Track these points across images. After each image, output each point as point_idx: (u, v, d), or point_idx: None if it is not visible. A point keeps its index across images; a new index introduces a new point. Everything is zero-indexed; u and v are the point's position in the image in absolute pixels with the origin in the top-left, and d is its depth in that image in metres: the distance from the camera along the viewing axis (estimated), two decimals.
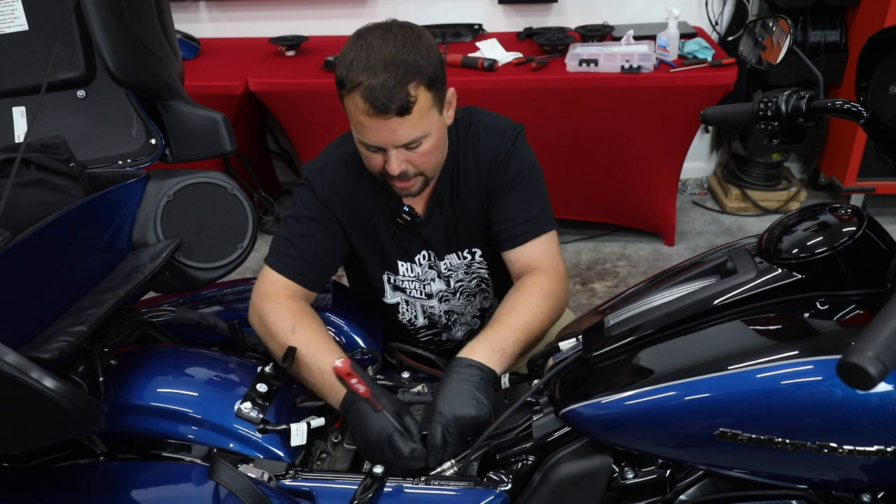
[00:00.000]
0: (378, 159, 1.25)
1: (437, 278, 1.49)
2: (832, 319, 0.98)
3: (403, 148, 1.22)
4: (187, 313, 1.33)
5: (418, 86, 1.17)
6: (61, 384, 0.84)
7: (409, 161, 1.24)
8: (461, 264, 1.47)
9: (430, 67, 1.19)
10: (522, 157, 1.37)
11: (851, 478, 0.95)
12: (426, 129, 1.22)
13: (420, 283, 1.49)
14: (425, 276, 1.48)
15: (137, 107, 1.39)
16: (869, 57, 1.10)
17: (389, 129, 1.18)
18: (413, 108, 1.17)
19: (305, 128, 3.12)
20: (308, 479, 1.13)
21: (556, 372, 1.14)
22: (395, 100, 1.15)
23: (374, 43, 1.17)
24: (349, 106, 1.20)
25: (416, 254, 1.45)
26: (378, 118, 1.17)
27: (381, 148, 1.22)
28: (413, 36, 1.20)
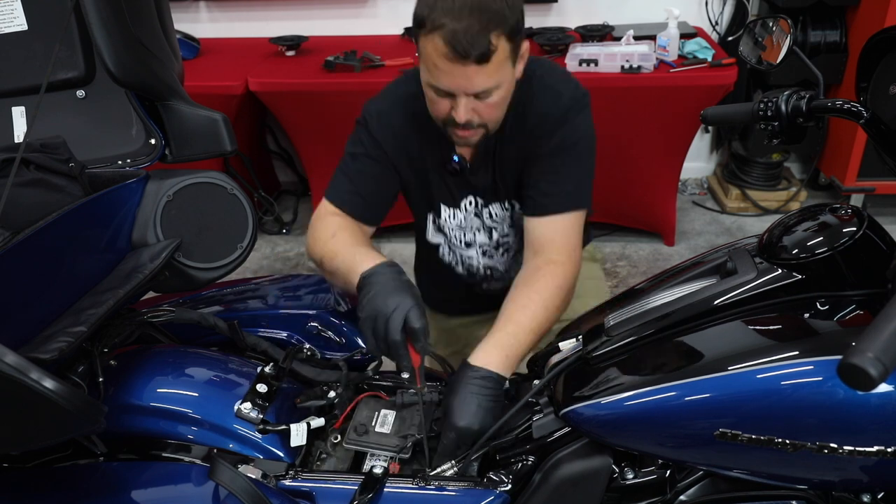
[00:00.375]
0: (445, 105, 1.23)
1: (482, 229, 1.47)
2: (832, 320, 0.98)
3: (473, 96, 1.20)
4: (187, 313, 1.33)
5: (500, 35, 1.14)
6: (61, 384, 0.84)
7: (476, 110, 1.22)
8: (505, 216, 1.46)
9: (514, 18, 1.16)
10: (573, 127, 1.32)
11: (851, 478, 0.95)
12: (499, 80, 1.19)
13: (461, 231, 1.48)
14: (468, 223, 1.47)
15: (137, 107, 1.39)
16: (869, 57, 1.10)
17: (465, 75, 1.15)
18: (492, 57, 1.14)
19: (305, 128, 3.12)
20: (308, 479, 1.13)
21: (557, 372, 1.14)
22: (476, 46, 1.12)
23: None
24: (426, 48, 1.17)
25: (462, 199, 1.44)
26: (456, 63, 1.14)
27: (450, 94, 1.20)
28: None
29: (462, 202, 1.45)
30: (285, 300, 1.51)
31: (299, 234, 3.54)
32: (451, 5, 1.12)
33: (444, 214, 1.48)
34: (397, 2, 3.46)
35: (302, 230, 3.57)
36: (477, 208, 1.45)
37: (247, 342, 1.37)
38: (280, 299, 1.52)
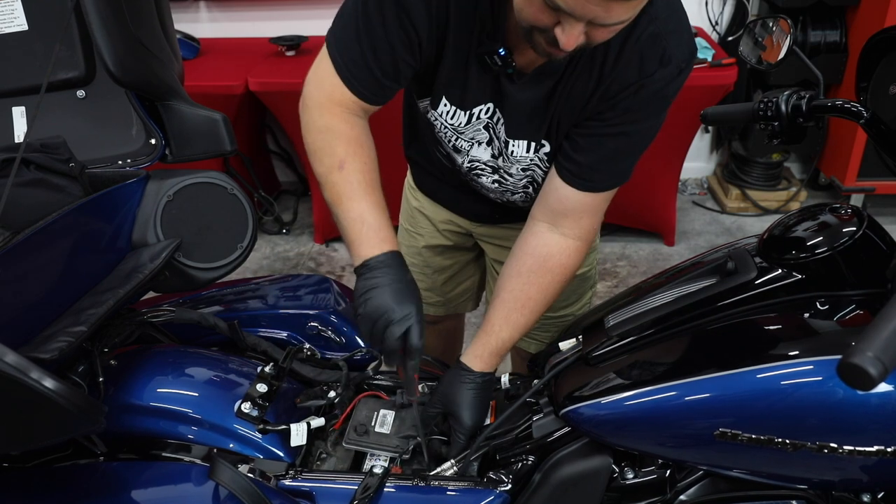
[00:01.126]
0: (548, 17, 0.93)
1: (486, 144, 1.26)
2: (832, 320, 0.98)
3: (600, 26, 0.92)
4: (187, 313, 1.33)
5: None
6: (61, 384, 0.84)
7: (588, 37, 0.95)
8: (525, 158, 1.25)
9: None
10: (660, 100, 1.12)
11: (851, 478, 0.95)
12: (633, 13, 0.93)
13: (455, 134, 1.26)
14: (470, 132, 1.24)
15: (137, 107, 1.39)
16: (869, 57, 1.10)
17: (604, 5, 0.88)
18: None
19: None
20: (308, 479, 1.13)
21: (557, 372, 1.14)
22: None
23: None
24: None
25: (475, 105, 1.19)
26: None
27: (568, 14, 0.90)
28: None
29: (475, 108, 1.19)
30: (285, 300, 1.51)
31: (299, 234, 3.54)
32: None
33: (441, 108, 1.22)
34: None
35: (302, 230, 3.57)
36: (492, 120, 1.21)
37: (247, 342, 1.37)
38: (280, 299, 1.52)
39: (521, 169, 1.28)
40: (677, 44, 1.07)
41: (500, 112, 1.19)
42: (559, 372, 1.14)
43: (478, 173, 1.32)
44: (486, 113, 1.20)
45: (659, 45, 1.06)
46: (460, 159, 1.31)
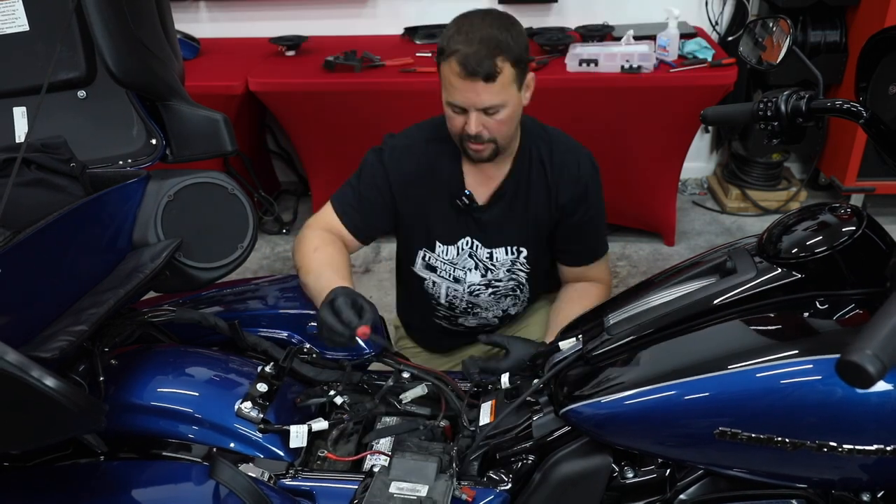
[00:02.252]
0: (460, 120, 1.41)
1: (474, 269, 1.59)
2: (832, 319, 0.98)
3: (483, 112, 1.38)
4: (188, 313, 1.34)
5: (505, 60, 1.34)
6: (62, 383, 0.84)
7: (486, 125, 1.40)
8: (507, 260, 1.58)
9: (518, 48, 1.36)
10: (597, 195, 1.55)
11: (851, 477, 0.95)
12: (505, 99, 1.37)
13: (452, 267, 1.59)
14: (461, 262, 1.58)
15: (138, 107, 1.39)
16: (869, 57, 1.10)
17: (475, 91, 1.35)
18: (497, 77, 1.34)
19: (305, 128, 3.11)
20: (308, 478, 1.13)
21: (556, 371, 1.15)
22: (483, 67, 1.32)
23: (475, 21, 1.36)
24: (444, 70, 1.38)
25: (459, 238, 1.56)
26: (467, 80, 1.34)
27: (464, 109, 1.39)
28: (507, 22, 1.39)
29: (460, 241, 1.57)
30: (285, 300, 1.51)
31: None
32: (465, 36, 1.34)
33: (438, 250, 1.58)
34: (397, 2, 3.46)
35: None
36: (472, 249, 1.57)
37: (247, 342, 1.37)
38: (280, 299, 1.52)
39: (506, 271, 1.59)
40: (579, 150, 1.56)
41: (476, 240, 1.56)
42: (559, 371, 1.15)
43: (476, 294, 1.62)
44: (468, 244, 1.56)
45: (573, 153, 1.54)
46: (461, 289, 1.61)
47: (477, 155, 1.44)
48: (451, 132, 1.46)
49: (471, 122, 1.38)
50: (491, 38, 1.33)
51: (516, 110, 1.43)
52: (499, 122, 1.39)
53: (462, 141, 1.44)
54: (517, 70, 1.37)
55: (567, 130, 2.98)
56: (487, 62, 1.32)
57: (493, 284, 1.60)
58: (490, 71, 1.32)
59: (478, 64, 1.31)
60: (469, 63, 1.32)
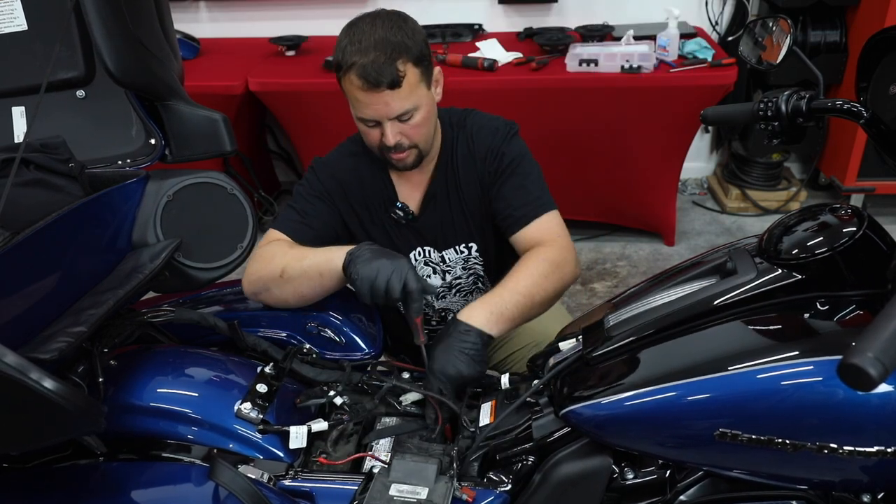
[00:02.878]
0: (375, 134, 1.36)
1: (433, 275, 1.56)
2: (832, 320, 0.97)
3: (397, 120, 1.33)
4: (187, 313, 1.33)
5: (406, 62, 1.29)
6: (61, 385, 0.84)
7: (403, 133, 1.35)
8: (459, 259, 1.55)
9: (416, 46, 1.31)
10: (514, 147, 1.45)
11: (851, 478, 0.95)
12: (416, 101, 1.33)
13: None
14: (419, 272, 1.53)
15: (137, 107, 1.39)
16: (869, 57, 1.09)
17: (383, 101, 1.30)
18: (402, 81, 1.29)
19: (305, 128, 3.12)
20: (308, 479, 1.13)
21: (556, 372, 1.14)
22: (385, 74, 1.27)
23: (365, 28, 1.30)
24: (346, 86, 1.32)
25: (411, 250, 1.54)
26: (372, 92, 1.29)
27: (377, 122, 1.34)
28: (399, 20, 1.32)
29: (412, 253, 1.54)
30: None
31: None
32: (358, 46, 1.28)
33: None
34: (397, 2, 3.45)
35: None
36: (427, 256, 1.55)
37: (247, 342, 1.37)
38: None
39: (462, 268, 1.56)
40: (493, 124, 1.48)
41: (423, 247, 1.53)
42: (559, 372, 1.14)
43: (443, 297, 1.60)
44: (420, 255, 1.54)
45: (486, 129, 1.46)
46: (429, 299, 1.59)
47: (402, 164, 1.41)
48: (370, 146, 1.42)
49: (387, 134, 1.34)
50: (386, 42, 1.27)
51: (430, 110, 1.38)
52: (415, 126, 1.35)
53: (382, 153, 1.40)
54: (421, 68, 1.32)
55: (567, 130, 3.00)
56: (388, 68, 1.27)
57: (454, 284, 1.58)
58: (393, 77, 1.27)
59: (378, 73, 1.26)
60: (369, 74, 1.26)
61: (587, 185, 3.07)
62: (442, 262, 1.54)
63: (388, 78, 1.27)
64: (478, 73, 2.82)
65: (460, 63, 2.87)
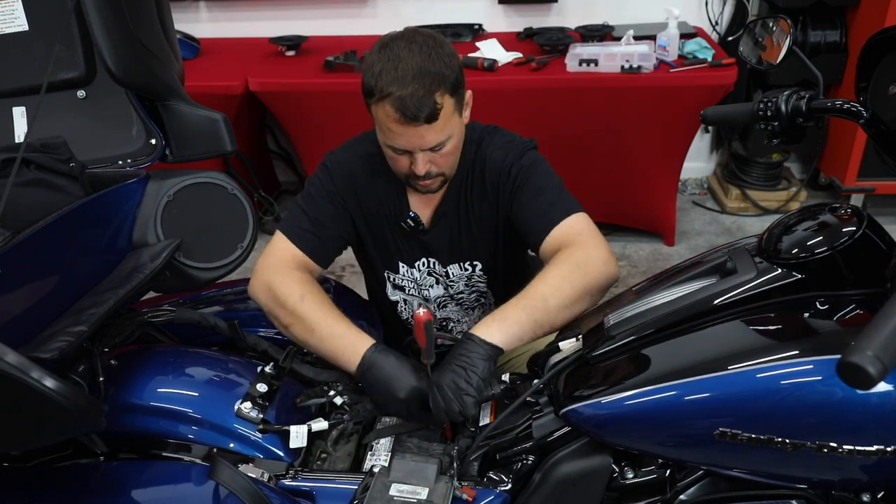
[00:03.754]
0: (404, 161, 1.32)
1: (436, 284, 1.54)
2: (832, 319, 0.98)
3: (429, 151, 1.29)
4: (187, 313, 1.33)
5: (444, 94, 1.23)
6: (62, 384, 0.84)
7: (433, 161, 1.32)
8: (463, 275, 1.52)
9: (453, 74, 1.25)
10: (525, 160, 1.39)
11: (851, 477, 0.95)
12: (450, 132, 1.29)
13: (417, 287, 1.55)
14: (423, 281, 1.53)
15: (137, 107, 1.39)
16: (869, 57, 1.10)
17: (418, 135, 1.25)
18: (440, 114, 1.24)
19: (305, 128, 3.12)
20: (308, 478, 1.13)
21: (557, 371, 1.15)
22: (424, 109, 1.21)
23: (401, 53, 1.22)
24: (378, 114, 1.26)
25: (416, 260, 1.51)
26: (408, 126, 1.23)
27: (407, 151, 1.29)
28: (436, 45, 1.25)
29: (416, 262, 1.51)
30: None
31: None
32: (394, 74, 1.21)
33: (402, 270, 1.53)
34: (397, 2, 3.46)
35: None
36: (431, 267, 1.51)
37: (247, 342, 1.37)
38: None
39: (464, 285, 1.54)
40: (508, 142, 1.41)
41: (429, 259, 1.50)
42: (559, 371, 1.14)
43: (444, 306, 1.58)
44: (425, 265, 1.51)
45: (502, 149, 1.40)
46: (431, 307, 1.57)
47: (426, 189, 1.38)
48: (395, 171, 1.37)
49: (418, 164, 1.29)
50: (425, 73, 1.20)
51: (461, 136, 1.35)
52: (445, 154, 1.31)
53: (408, 179, 1.36)
54: (456, 98, 1.27)
55: (567, 131, 3.00)
56: (427, 102, 1.20)
57: (457, 298, 1.56)
58: (432, 110, 1.21)
59: (417, 108, 1.20)
60: (408, 108, 1.20)
61: (587, 185, 3.07)
62: (445, 276, 1.52)
63: (426, 112, 1.21)
64: (478, 73, 2.82)
65: None
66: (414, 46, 1.23)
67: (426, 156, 1.29)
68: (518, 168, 1.38)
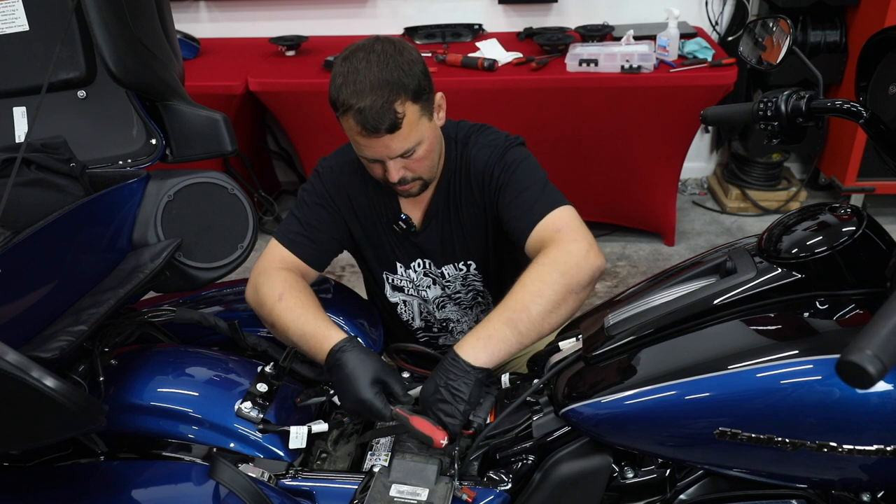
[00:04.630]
0: (378, 168, 1.32)
1: (434, 285, 1.54)
2: (832, 319, 0.98)
3: (399, 158, 1.28)
4: (187, 313, 1.33)
5: (404, 102, 1.22)
6: (62, 383, 0.84)
7: (407, 167, 1.31)
8: (458, 275, 1.52)
9: (414, 81, 1.23)
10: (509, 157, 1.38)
11: (851, 477, 0.95)
12: (417, 138, 1.27)
13: (415, 287, 1.55)
14: (420, 281, 1.54)
15: (138, 107, 1.39)
16: (869, 57, 1.10)
17: (383, 144, 1.25)
18: (402, 123, 1.23)
19: (305, 128, 3.12)
20: (308, 478, 1.13)
21: (556, 371, 1.15)
22: (384, 120, 1.21)
23: (360, 66, 1.22)
24: (344, 125, 1.27)
25: (412, 260, 1.51)
26: (371, 137, 1.23)
27: (378, 160, 1.29)
28: (395, 52, 1.24)
29: (412, 263, 1.52)
30: None
31: None
32: (353, 88, 1.21)
33: (399, 271, 1.53)
34: (397, 2, 3.46)
35: None
36: (426, 268, 1.52)
37: (247, 342, 1.37)
38: None
39: (461, 285, 1.54)
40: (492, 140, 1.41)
41: (422, 259, 1.51)
42: (559, 371, 1.14)
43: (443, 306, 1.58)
44: (420, 266, 1.51)
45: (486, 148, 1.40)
46: (430, 307, 1.57)
47: (407, 193, 1.37)
48: (379, 179, 1.36)
49: (390, 171, 1.29)
50: (383, 84, 1.20)
51: (433, 141, 1.32)
52: (418, 160, 1.30)
53: (388, 184, 1.35)
54: (420, 103, 1.25)
55: (567, 131, 3.00)
56: (387, 113, 1.20)
57: (454, 298, 1.56)
58: (392, 121, 1.21)
59: (376, 119, 1.20)
60: (368, 121, 1.20)
61: (587, 185, 3.07)
62: (441, 276, 1.52)
63: (386, 123, 1.21)
64: (478, 73, 2.82)
65: (460, 63, 2.87)
66: (372, 57, 1.22)
67: (398, 163, 1.29)
68: (501, 167, 1.37)
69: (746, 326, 1.01)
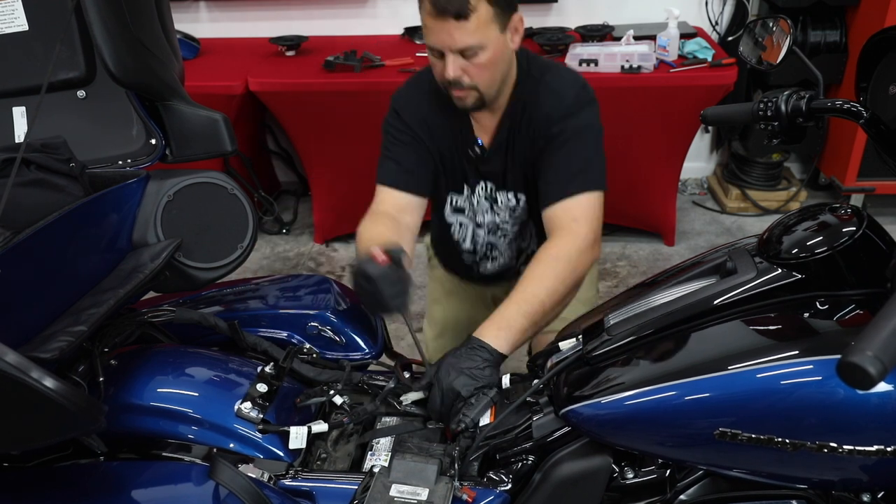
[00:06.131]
0: (439, 66, 1.36)
1: (490, 210, 1.61)
2: (832, 319, 0.98)
3: (460, 54, 1.32)
4: (187, 313, 1.33)
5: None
6: (61, 384, 0.84)
7: (465, 70, 1.34)
8: (508, 205, 1.58)
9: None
10: (576, 119, 1.42)
11: (851, 477, 0.95)
12: (482, 39, 1.31)
13: (473, 210, 1.62)
14: (480, 205, 1.60)
15: (138, 107, 1.39)
16: (869, 57, 1.10)
17: (447, 31, 1.29)
18: (470, 15, 1.27)
19: (305, 128, 3.12)
20: (308, 478, 1.13)
21: (556, 372, 1.15)
22: (454, 3, 1.26)
23: None
24: (422, 14, 1.33)
25: (477, 184, 1.57)
26: (438, 19, 1.28)
27: (441, 53, 1.33)
28: None
29: (477, 186, 1.57)
30: (285, 300, 1.51)
31: (299, 234, 3.54)
32: None
33: (466, 193, 1.59)
34: (397, 2, 3.46)
35: (302, 230, 3.57)
36: (487, 192, 1.58)
37: (247, 342, 1.37)
38: (280, 299, 1.52)
39: (508, 216, 1.60)
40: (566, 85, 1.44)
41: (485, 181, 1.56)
42: (559, 371, 1.14)
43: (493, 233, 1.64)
44: (483, 189, 1.57)
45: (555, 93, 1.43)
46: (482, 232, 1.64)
47: (460, 102, 1.40)
48: (437, 80, 1.42)
49: (448, 66, 1.33)
50: None
51: (499, 55, 1.35)
52: (479, 66, 1.33)
53: (446, 87, 1.40)
54: (496, 9, 1.30)
55: None
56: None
57: (501, 227, 1.62)
58: (461, 8, 1.26)
59: (447, 1, 1.26)
60: (438, 1, 1.26)
61: None
62: (496, 202, 1.58)
63: (455, 7, 1.26)
64: None
65: None
66: None
67: (457, 59, 1.32)
68: (562, 126, 1.41)
69: (747, 327, 1.01)
